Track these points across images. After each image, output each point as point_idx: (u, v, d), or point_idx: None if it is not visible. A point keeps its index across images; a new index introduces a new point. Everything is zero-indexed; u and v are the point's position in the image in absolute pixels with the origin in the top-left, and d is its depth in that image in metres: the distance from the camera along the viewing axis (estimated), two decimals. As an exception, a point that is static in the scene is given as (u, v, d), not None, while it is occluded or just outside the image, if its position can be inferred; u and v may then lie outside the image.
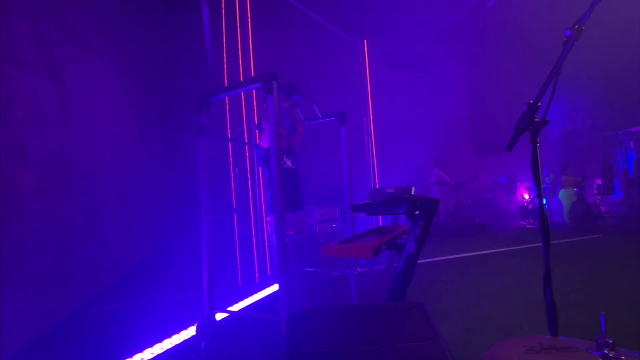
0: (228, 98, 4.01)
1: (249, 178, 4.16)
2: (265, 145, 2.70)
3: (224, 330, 2.53)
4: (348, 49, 6.87)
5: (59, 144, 2.98)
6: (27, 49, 2.62)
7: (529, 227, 7.43)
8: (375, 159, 5.84)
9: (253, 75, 4.00)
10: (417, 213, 1.74)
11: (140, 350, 2.24)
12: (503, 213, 8.56)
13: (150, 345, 2.30)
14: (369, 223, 5.97)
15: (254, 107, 4.19)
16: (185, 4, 6.02)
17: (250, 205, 4.17)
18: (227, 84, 4.04)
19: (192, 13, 5.66)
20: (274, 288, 3.64)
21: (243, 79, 3.87)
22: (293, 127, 3.07)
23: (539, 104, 1.02)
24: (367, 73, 5.97)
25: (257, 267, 4.04)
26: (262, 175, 4.22)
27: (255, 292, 3.52)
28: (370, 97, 5.92)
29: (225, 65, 4.14)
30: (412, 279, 1.75)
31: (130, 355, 2.18)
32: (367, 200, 1.98)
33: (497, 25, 7.79)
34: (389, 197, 1.91)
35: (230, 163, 4.02)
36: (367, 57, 6.00)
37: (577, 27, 0.91)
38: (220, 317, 2.65)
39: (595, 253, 4.62)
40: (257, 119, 4.10)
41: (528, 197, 8.07)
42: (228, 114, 4.13)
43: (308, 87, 2.84)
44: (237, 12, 4.17)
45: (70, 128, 3.18)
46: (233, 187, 3.98)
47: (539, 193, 1.07)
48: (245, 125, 4.18)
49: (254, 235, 4.14)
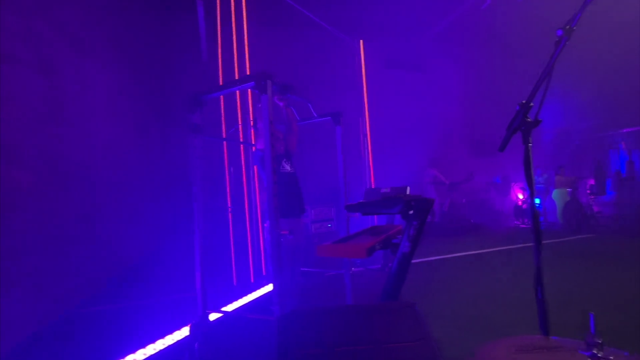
0: (223, 97, 4.00)
1: (244, 178, 4.14)
2: (262, 147, 2.67)
3: (218, 331, 2.52)
4: (344, 49, 6.86)
5: (53, 143, 2.95)
6: (20, 47, 2.59)
7: (523, 226, 7.49)
8: (371, 159, 5.85)
9: (247, 74, 3.98)
10: (411, 213, 1.74)
11: (133, 351, 2.22)
12: (497, 213, 8.62)
13: (143, 346, 2.28)
14: (366, 223, 5.98)
15: (249, 106, 4.17)
16: (180, 3, 5.97)
17: (246, 205, 4.15)
18: (221, 83, 4.03)
19: (187, 11, 5.62)
20: (269, 288, 3.63)
21: (237, 78, 3.86)
22: (288, 127, 3.04)
23: (531, 104, 1.03)
24: (362, 73, 5.97)
25: (252, 267, 4.03)
26: (257, 176, 4.21)
27: (250, 292, 3.50)
28: (366, 96, 5.93)
29: (220, 64, 4.12)
30: (406, 279, 1.75)
31: (123, 356, 2.16)
32: (362, 200, 1.98)
33: (492, 26, 7.82)
34: (384, 196, 1.91)
35: (225, 162, 4.00)
36: (362, 57, 6.00)
37: (568, 27, 0.92)
38: (214, 317, 2.63)
39: (588, 253, 4.66)
40: (252, 119, 4.08)
41: (522, 197, 8.14)
42: (223, 113, 4.11)
43: (303, 86, 2.83)
44: (232, 10, 4.15)
45: (64, 127, 3.14)
46: (228, 186, 3.96)
47: (531, 193, 1.07)
48: (241, 125, 4.16)
49: (249, 235, 4.13)
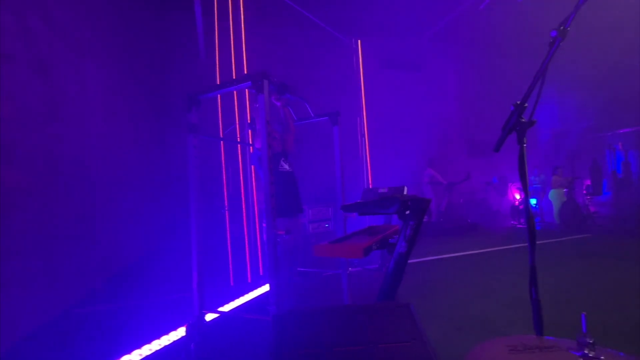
0: (220, 96, 3.99)
1: (241, 177, 4.14)
2: (259, 147, 2.68)
3: (214, 331, 2.51)
4: (342, 49, 6.87)
5: (48, 142, 2.93)
6: (14, 45, 2.57)
7: (520, 226, 7.52)
8: (369, 159, 5.86)
9: (244, 74, 3.97)
10: (407, 213, 1.74)
11: (128, 352, 2.21)
12: (495, 213, 8.65)
13: (139, 347, 2.27)
14: (363, 223, 5.98)
15: (247, 105, 4.16)
16: (178, 2, 5.96)
17: (243, 205, 4.15)
18: (219, 82, 4.02)
19: (184, 11, 5.60)
20: (266, 288, 3.63)
21: (234, 77, 3.85)
22: (285, 126, 3.06)
23: (526, 105, 1.03)
24: (360, 73, 5.98)
25: (249, 267, 4.02)
26: (255, 175, 4.21)
27: (247, 292, 3.50)
28: (364, 96, 5.93)
29: (218, 64, 4.11)
30: (403, 279, 1.75)
31: (119, 356, 2.15)
32: (359, 200, 1.98)
33: (490, 27, 7.85)
34: (381, 196, 1.91)
35: (222, 162, 3.99)
36: (360, 57, 6.01)
37: (562, 28, 0.92)
38: (211, 317, 2.63)
39: (584, 253, 4.68)
40: (249, 119, 4.08)
41: (519, 197, 8.17)
42: (220, 113, 4.10)
43: (301, 86, 2.82)
44: (229, 10, 4.14)
45: (63, 126, 3.12)
46: (225, 186, 3.95)
47: (526, 193, 1.07)
48: (238, 124, 4.16)
49: (246, 235, 4.12)
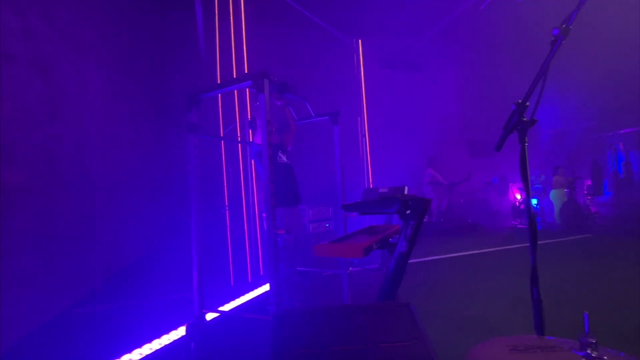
0: (221, 96, 3.99)
1: (242, 176, 4.13)
2: (259, 142, 2.74)
3: (214, 331, 2.51)
4: (342, 48, 6.87)
5: (48, 142, 2.93)
6: (15, 45, 2.57)
7: (521, 226, 7.51)
8: (369, 159, 5.85)
9: (245, 73, 3.97)
10: (408, 212, 1.74)
11: (129, 351, 2.21)
12: (495, 213, 8.64)
13: (139, 346, 2.27)
14: (364, 223, 5.97)
15: (247, 105, 4.16)
16: (179, 2, 5.96)
17: (243, 204, 4.15)
18: (219, 82, 4.02)
19: (185, 10, 5.60)
20: (266, 288, 3.63)
21: (235, 77, 3.85)
22: (285, 125, 3.10)
23: (528, 104, 1.03)
24: (361, 72, 5.98)
25: (249, 266, 4.02)
26: (255, 170, 4.21)
27: (247, 291, 3.50)
28: (365, 96, 5.93)
29: (219, 63, 4.11)
30: (403, 279, 1.75)
31: (119, 356, 2.15)
32: (360, 200, 1.98)
33: (490, 26, 7.84)
34: (381, 196, 1.91)
35: (223, 161, 3.99)
36: (361, 56, 6.01)
37: (564, 26, 0.92)
38: (211, 317, 2.63)
39: (585, 253, 4.68)
40: (250, 117, 4.07)
41: (520, 197, 8.16)
42: (221, 112, 4.10)
43: (301, 85, 2.83)
44: (230, 9, 4.14)
45: (60, 126, 3.12)
46: (225, 185, 3.95)
47: (527, 192, 1.07)
48: (238, 123, 4.15)
49: (247, 235, 4.12)
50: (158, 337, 2.41)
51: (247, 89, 3.91)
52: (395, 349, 0.77)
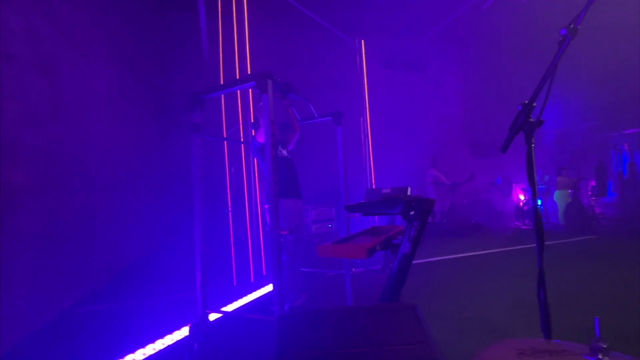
0: (224, 96, 3.99)
1: (245, 177, 4.13)
2: (261, 140, 2.81)
3: (217, 331, 2.51)
4: (345, 49, 6.85)
5: (52, 142, 2.94)
6: (19, 46, 2.58)
7: (524, 227, 7.47)
8: (372, 159, 5.84)
9: (248, 74, 3.97)
10: (412, 213, 1.73)
11: (132, 351, 2.21)
12: (499, 214, 8.59)
13: (143, 346, 2.28)
14: (366, 224, 5.96)
15: (250, 105, 4.16)
16: (182, 2, 5.97)
17: (246, 205, 4.15)
18: (222, 82, 4.02)
19: (188, 11, 5.61)
20: (269, 288, 3.62)
21: (238, 77, 3.85)
22: (288, 125, 3.12)
23: (534, 104, 1.02)
24: (364, 73, 5.96)
25: (252, 267, 4.02)
26: (257, 166, 4.21)
27: (250, 292, 3.49)
28: (367, 96, 5.92)
29: (222, 64, 4.11)
30: (406, 280, 1.74)
31: (122, 356, 2.15)
32: (363, 201, 1.97)
33: (494, 26, 7.80)
34: (384, 197, 1.90)
35: (226, 162, 3.99)
36: (364, 56, 5.99)
37: (572, 26, 0.91)
38: (214, 317, 2.63)
39: (590, 254, 4.64)
40: (253, 118, 4.08)
41: (524, 198, 8.11)
42: (224, 113, 4.10)
43: (304, 86, 2.83)
44: (233, 10, 4.14)
45: (63, 126, 3.13)
46: (228, 186, 3.95)
47: (534, 194, 1.06)
48: (242, 124, 4.15)
49: (249, 235, 4.12)
50: (161, 337, 2.41)
51: (250, 89, 3.92)
52: (402, 352, 0.76)
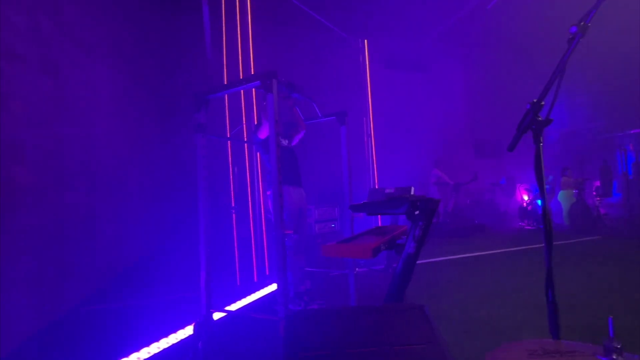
0: (227, 96, 3.99)
1: (248, 177, 4.14)
2: (262, 136, 2.88)
3: (222, 330, 2.52)
4: (348, 49, 6.84)
5: (56, 142, 2.95)
6: (24, 45, 2.60)
7: (528, 228, 7.43)
8: (375, 159, 5.83)
9: (252, 74, 3.97)
10: (416, 213, 1.72)
11: (137, 350, 2.22)
12: (502, 214, 8.56)
13: (147, 345, 2.28)
14: (368, 223, 5.95)
15: (254, 105, 4.17)
16: (185, 2, 5.99)
17: (249, 204, 4.15)
18: (226, 82, 4.03)
19: (191, 11, 5.63)
20: (273, 288, 3.63)
21: (242, 77, 3.86)
22: (292, 124, 3.15)
23: (543, 103, 1.01)
24: (367, 73, 5.95)
25: (255, 266, 4.02)
26: (259, 158, 4.21)
27: (254, 291, 3.50)
28: (370, 96, 5.91)
29: (225, 64, 4.12)
30: (410, 280, 1.74)
31: (127, 355, 2.16)
32: (366, 200, 1.97)
33: (497, 26, 7.77)
34: (389, 197, 1.90)
35: (230, 162, 4.00)
36: (367, 56, 5.98)
37: (582, 24, 0.90)
38: (218, 316, 2.63)
39: (594, 255, 4.61)
40: (256, 118, 4.08)
41: (527, 198, 8.07)
42: (227, 112, 4.10)
43: (308, 86, 2.83)
44: (237, 10, 4.14)
45: (66, 126, 3.15)
46: (232, 186, 3.96)
47: (542, 193, 1.05)
48: (245, 124, 4.16)
49: (253, 235, 4.12)
50: (165, 336, 2.41)
51: (253, 89, 3.92)
52: (410, 352, 0.76)
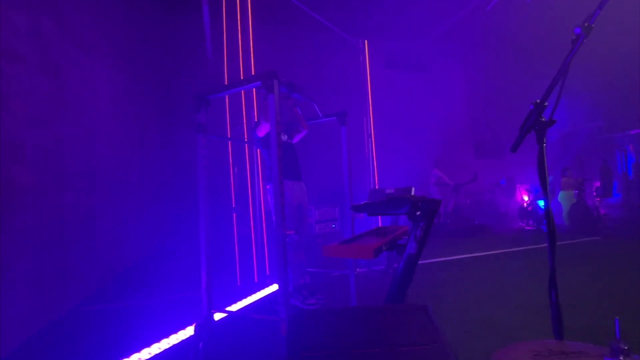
0: (228, 97, 3.99)
1: (249, 177, 4.13)
2: (261, 134, 2.92)
3: (223, 331, 2.51)
4: (348, 49, 6.84)
5: (56, 142, 2.95)
6: (24, 45, 2.59)
7: (528, 228, 7.43)
8: (375, 160, 5.82)
9: (253, 74, 3.97)
10: (418, 214, 1.72)
11: (138, 350, 2.21)
12: (502, 214, 8.56)
13: (148, 345, 2.28)
14: (369, 223, 5.95)
15: (254, 105, 4.16)
16: (186, 2, 5.99)
17: (250, 205, 4.15)
18: (227, 83, 4.03)
19: (192, 11, 5.63)
20: (273, 288, 3.62)
21: (243, 78, 3.86)
22: (293, 124, 3.15)
23: (546, 104, 1.01)
24: (367, 73, 5.95)
25: (255, 266, 4.02)
26: (259, 154, 4.20)
27: (254, 292, 3.49)
28: (371, 97, 5.90)
29: (226, 64, 4.12)
30: (412, 281, 1.74)
31: (128, 355, 2.16)
32: (366, 201, 1.97)
33: (497, 27, 7.78)
34: (390, 197, 1.90)
35: (230, 162, 3.99)
36: (367, 57, 5.98)
37: (586, 25, 0.90)
38: (219, 317, 2.63)
39: (595, 255, 4.61)
40: (257, 117, 4.08)
41: (527, 198, 8.07)
42: (228, 113, 4.10)
43: (308, 86, 2.83)
44: (237, 10, 4.14)
45: (68, 126, 3.14)
46: (232, 186, 3.95)
47: (545, 194, 1.05)
48: (245, 124, 4.16)
49: (253, 235, 4.12)
50: (167, 336, 2.41)
51: (253, 89, 3.92)
52: (414, 353, 0.76)
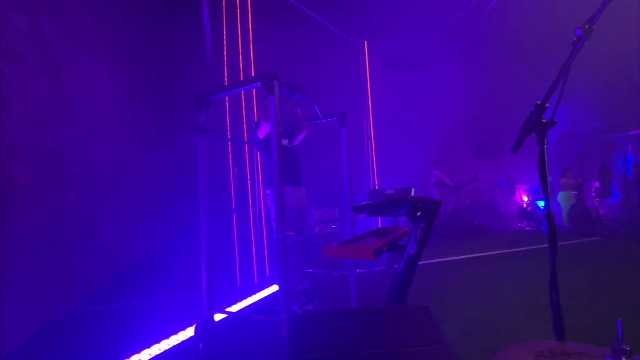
0: (228, 97, 3.99)
1: (249, 178, 4.13)
2: (261, 136, 2.92)
3: (223, 331, 2.51)
4: (348, 50, 6.85)
5: (56, 142, 2.95)
6: (24, 45, 2.59)
7: (528, 229, 7.44)
8: (375, 160, 5.83)
9: (253, 75, 3.98)
10: (418, 214, 1.72)
11: (138, 351, 2.21)
12: (502, 215, 8.57)
13: (148, 346, 2.28)
14: (369, 224, 5.95)
15: (254, 106, 4.17)
16: (186, 3, 5.99)
17: (250, 205, 4.14)
18: (227, 83, 4.03)
19: (192, 12, 5.63)
20: (273, 289, 3.62)
21: (244, 78, 3.85)
22: (294, 125, 3.15)
23: (547, 105, 1.01)
24: (367, 74, 5.96)
25: (255, 267, 4.02)
26: (259, 157, 4.20)
27: (254, 292, 3.49)
28: (370, 98, 5.91)
29: (226, 65, 4.12)
30: (412, 281, 1.74)
31: (128, 356, 2.15)
32: (366, 202, 1.97)
33: (497, 28, 7.79)
34: (390, 198, 1.90)
35: (230, 163, 3.99)
36: (367, 58, 5.98)
37: (587, 26, 0.90)
38: (219, 317, 2.62)
39: (594, 256, 4.61)
40: (257, 118, 4.08)
41: (527, 199, 8.08)
42: (228, 113, 4.10)
43: (308, 87, 2.84)
44: (237, 11, 4.15)
45: (68, 126, 3.14)
46: (232, 187, 3.95)
47: (546, 195, 1.05)
48: (245, 125, 4.16)
49: (253, 236, 4.12)
50: (167, 337, 2.41)
51: (253, 90, 3.92)
52: (416, 353, 0.76)
